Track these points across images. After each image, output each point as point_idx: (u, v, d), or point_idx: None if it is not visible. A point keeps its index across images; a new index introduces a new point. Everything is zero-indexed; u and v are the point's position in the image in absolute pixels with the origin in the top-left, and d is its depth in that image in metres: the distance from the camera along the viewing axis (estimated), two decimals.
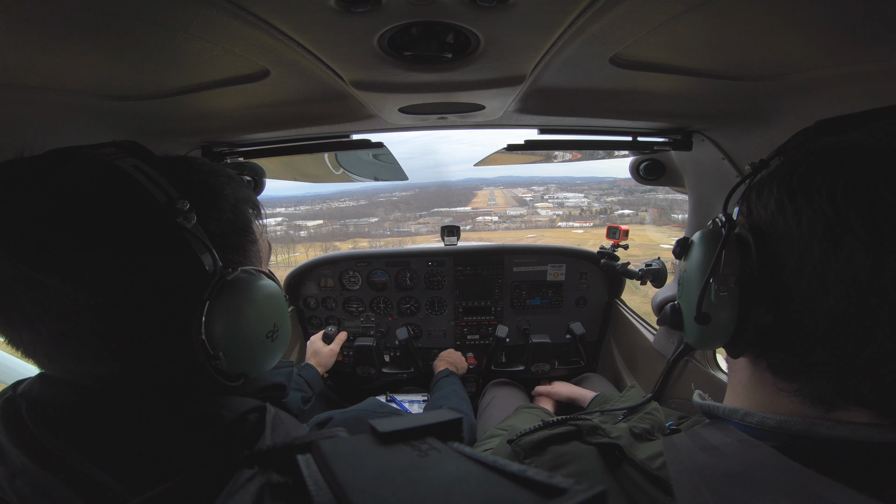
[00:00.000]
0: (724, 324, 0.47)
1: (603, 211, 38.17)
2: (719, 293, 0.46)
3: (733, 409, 0.50)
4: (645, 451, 0.55)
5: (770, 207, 0.44)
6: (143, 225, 0.47)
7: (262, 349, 0.55)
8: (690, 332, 0.53)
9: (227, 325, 0.50)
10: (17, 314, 0.45)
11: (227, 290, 0.51)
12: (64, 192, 0.45)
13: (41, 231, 0.43)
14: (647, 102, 1.00)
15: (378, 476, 0.24)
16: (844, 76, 0.69)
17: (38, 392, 0.50)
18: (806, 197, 0.40)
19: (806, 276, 0.39)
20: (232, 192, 0.59)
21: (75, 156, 0.48)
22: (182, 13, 0.51)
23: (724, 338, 0.48)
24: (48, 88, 0.70)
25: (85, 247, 0.44)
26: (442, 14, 0.54)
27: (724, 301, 0.46)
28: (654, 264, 1.61)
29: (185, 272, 0.49)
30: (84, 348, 0.47)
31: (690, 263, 0.54)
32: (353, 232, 36.86)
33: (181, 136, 1.14)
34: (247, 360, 0.54)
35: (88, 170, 0.47)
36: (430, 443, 0.28)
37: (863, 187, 0.36)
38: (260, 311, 0.54)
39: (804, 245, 0.39)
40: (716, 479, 0.41)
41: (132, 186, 0.47)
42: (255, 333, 0.54)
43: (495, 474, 0.24)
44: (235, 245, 0.57)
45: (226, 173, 0.60)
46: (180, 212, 0.48)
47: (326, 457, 0.26)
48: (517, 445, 0.63)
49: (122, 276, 0.46)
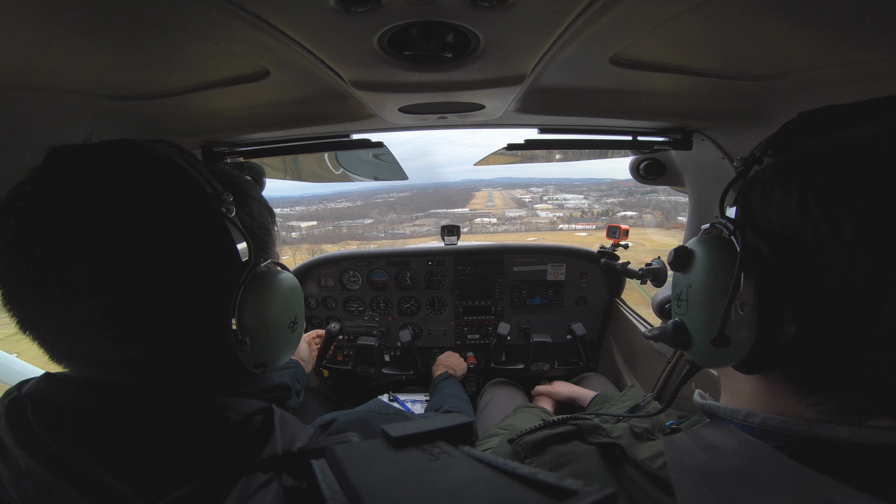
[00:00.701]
0: (741, 344, 0.43)
1: (605, 213, 37.55)
2: (738, 312, 0.43)
3: (735, 409, 0.49)
4: (646, 450, 0.55)
5: (789, 212, 0.40)
6: (192, 213, 0.51)
7: (284, 338, 0.58)
8: (700, 352, 0.49)
9: (256, 312, 0.53)
10: (58, 293, 0.45)
11: (258, 280, 0.54)
12: (123, 179, 0.48)
13: (101, 215, 0.46)
14: (647, 102, 1.00)
15: (391, 479, 0.25)
16: (844, 76, 0.69)
17: (43, 392, 0.50)
18: (844, 201, 0.36)
19: (848, 293, 0.36)
20: (256, 195, 0.64)
21: (137, 147, 0.51)
22: (182, 13, 0.51)
23: (740, 357, 0.44)
24: (49, 89, 0.70)
25: (140, 231, 0.47)
26: (442, 14, 0.54)
27: (743, 320, 0.42)
28: (655, 264, 1.61)
29: (223, 260, 0.53)
30: (111, 328, 0.48)
31: (695, 278, 0.48)
32: (345, 234, 36.70)
33: (181, 136, 1.14)
34: (269, 348, 0.56)
35: (149, 161, 0.50)
36: (441, 447, 0.29)
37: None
38: (285, 302, 0.58)
39: (846, 259, 0.36)
40: (717, 479, 0.41)
41: (184, 178, 0.51)
42: (280, 322, 0.57)
43: (505, 477, 0.24)
44: (260, 242, 0.62)
45: (249, 180, 0.65)
46: (225, 202, 0.52)
47: (340, 461, 0.27)
48: (518, 445, 0.63)
49: (170, 261, 0.48)
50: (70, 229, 0.45)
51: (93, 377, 0.50)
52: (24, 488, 0.44)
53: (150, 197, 0.48)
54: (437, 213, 45.76)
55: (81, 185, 0.46)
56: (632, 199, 35.68)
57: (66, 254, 0.44)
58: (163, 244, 0.48)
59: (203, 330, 0.52)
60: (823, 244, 0.37)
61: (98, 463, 0.44)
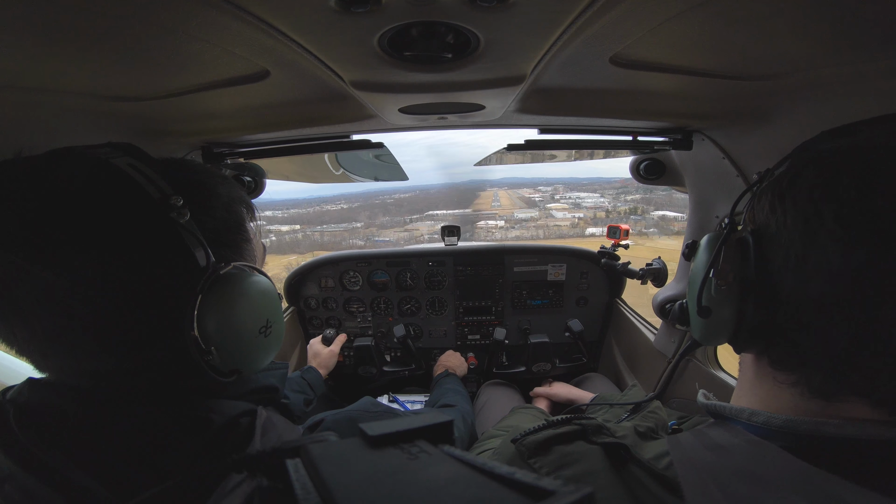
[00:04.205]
0: (725, 318, 0.50)
1: (633, 211, 34.87)
2: (719, 287, 0.50)
3: (739, 408, 0.50)
4: (650, 450, 0.54)
5: (765, 210, 0.48)
6: (137, 221, 0.48)
7: (255, 345, 0.55)
8: (695, 326, 0.57)
9: (218, 319, 0.51)
10: (11, 310, 0.45)
11: (220, 285, 0.52)
12: (60, 189, 0.46)
13: (38, 228, 0.44)
14: (647, 102, 1.00)
15: (367, 479, 0.24)
16: (845, 76, 0.69)
17: (26, 397, 0.50)
18: (791, 199, 0.44)
19: (790, 269, 0.44)
20: (226, 191, 0.59)
21: (71, 155, 0.49)
22: (182, 14, 0.51)
23: (727, 333, 0.51)
24: (48, 90, 0.70)
25: (80, 242, 0.45)
26: (442, 14, 0.54)
27: (724, 295, 0.50)
28: (655, 264, 1.61)
29: (179, 268, 0.50)
30: (78, 344, 0.47)
31: (696, 263, 0.58)
32: (316, 241, 35.17)
33: (181, 136, 1.14)
34: (239, 355, 0.54)
35: (84, 168, 0.48)
36: (420, 445, 0.29)
37: (834, 188, 0.41)
38: (252, 306, 0.54)
39: (788, 241, 0.44)
40: (725, 477, 0.41)
41: (127, 183, 0.48)
42: (248, 328, 0.54)
43: (484, 477, 0.24)
44: (229, 242, 0.58)
45: (220, 174, 0.61)
46: (174, 207, 0.49)
47: (315, 461, 0.27)
48: (521, 445, 0.63)
49: (117, 272, 0.47)
50: (14, 247, 0.44)
51: (73, 383, 0.50)
52: (8, 492, 0.44)
53: (84, 207, 0.46)
54: (435, 214, 44.19)
55: (15, 199, 0.45)
56: (651, 196, 33.29)
57: (16, 274, 0.44)
58: (105, 257, 0.46)
59: (166, 341, 0.50)
60: (776, 233, 0.45)
61: (79, 467, 0.44)
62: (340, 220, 42.02)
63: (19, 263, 0.43)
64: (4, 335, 0.48)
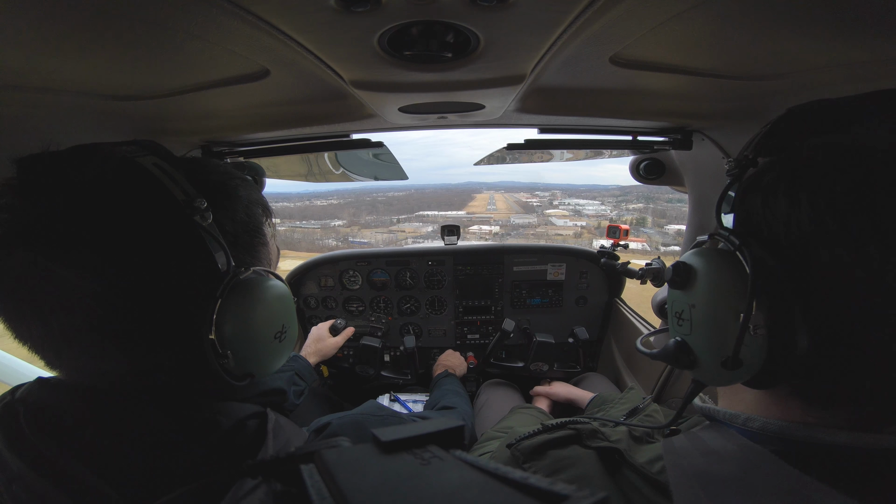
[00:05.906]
0: (752, 363, 0.42)
1: (641, 222, 32.03)
2: (750, 334, 0.41)
3: (734, 413, 0.49)
4: (645, 454, 0.54)
5: (799, 224, 0.38)
6: (160, 222, 0.48)
7: (270, 349, 0.55)
8: (708, 373, 0.47)
9: (237, 324, 0.51)
10: (29, 307, 0.45)
11: (239, 290, 0.52)
12: (86, 187, 0.45)
13: (62, 225, 0.44)
14: (647, 102, 1.00)
15: (381, 485, 0.24)
16: (845, 76, 0.69)
17: (35, 397, 0.49)
18: (871, 218, 0.35)
19: (877, 307, 0.36)
20: (245, 193, 0.59)
21: (98, 152, 0.49)
22: (182, 13, 0.51)
23: (750, 375, 0.43)
24: (48, 89, 0.70)
25: (103, 241, 0.45)
26: (442, 13, 0.54)
27: (755, 341, 0.41)
28: (654, 263, 1.61)
29: (199, 271, 0.49)
30: (94, 344, 0.47)
31: (699, 298, 0.46)
32: (282, 239, 34.54)
33: (181, 135, 1.14)
34: (254, 360, 0.54)
35: (110, 166, 0.47)
36: (433, 451, 0.29)
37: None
38: (270, 312, 0.54)
39: (877, 275, 0.35)
40: (715, 486, 0.41)
41: (152, 183, 0.48)
42: (265, 333, 0.54)
43: (497, 482, 0.24)
44: (247, 246, 0.58)
45: (239, 175, 0.61)
46: (198, 210, 0.48)
47: (329, 466, 0.27)
48: (516, 450, 0.63)
49: (138, 272, 0.46)
50: (37, 245, 0.43)
51: (84, 383, 0.50)
52: (17, 492, 0.44)
53: (108, 206, 0.45)
54: (425, 215, 42.89)
55: (41, 195, 0.44)
56: (654, 206, 31.81)
57: (37, 272, 0.43)
58: (127, 258, 0.46)
59: (182, 343, 0.50)
60: (839, 261, 0.36)
61: (88, 467, 0.44)
62: (323, 217, 40.84)
63: (41, 262, 0.43)
64: (19, 332, 0.47)
